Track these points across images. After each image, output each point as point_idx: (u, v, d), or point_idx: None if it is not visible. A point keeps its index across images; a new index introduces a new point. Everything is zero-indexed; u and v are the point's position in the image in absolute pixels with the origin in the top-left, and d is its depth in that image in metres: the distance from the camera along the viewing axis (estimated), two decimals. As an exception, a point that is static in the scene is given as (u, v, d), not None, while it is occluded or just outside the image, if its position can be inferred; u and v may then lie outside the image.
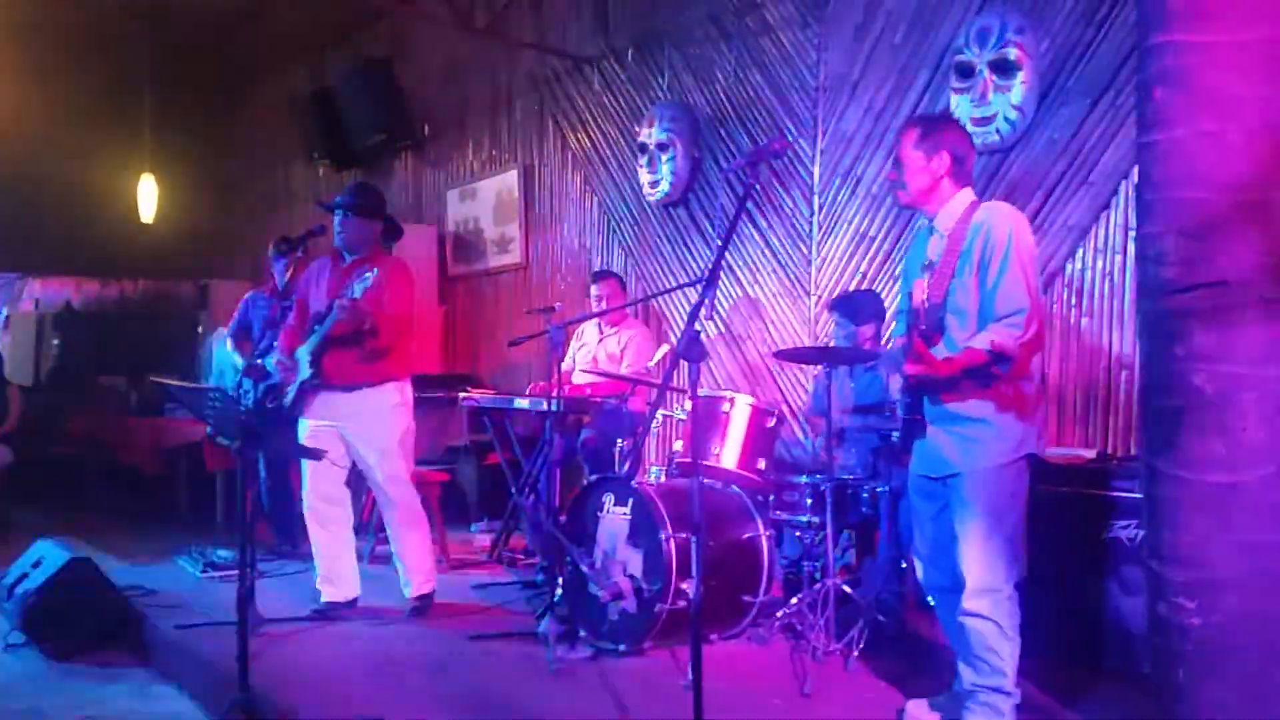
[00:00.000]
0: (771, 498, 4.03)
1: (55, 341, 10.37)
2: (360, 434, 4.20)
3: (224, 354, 5.94)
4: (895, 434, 2.97)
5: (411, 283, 4.32)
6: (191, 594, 4.68)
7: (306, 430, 4.23)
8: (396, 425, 4.25)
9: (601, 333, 5.59)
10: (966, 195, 2.93)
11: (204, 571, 5.10)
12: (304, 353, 4.15)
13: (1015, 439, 2.79)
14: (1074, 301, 4.25)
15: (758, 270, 5.54)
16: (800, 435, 5.21)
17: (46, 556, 4.30)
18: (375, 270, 3.91)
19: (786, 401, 5.31)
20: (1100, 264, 4.17)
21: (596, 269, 6.24)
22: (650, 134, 5.85)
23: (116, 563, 5.13)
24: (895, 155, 2.97)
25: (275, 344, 4.32)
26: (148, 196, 9.10)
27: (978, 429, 2.79)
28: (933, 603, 3.13)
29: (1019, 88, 4.25)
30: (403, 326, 4.21)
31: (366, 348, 4.08)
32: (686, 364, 2.67)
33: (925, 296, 2.83)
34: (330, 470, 4.20)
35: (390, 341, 4.13)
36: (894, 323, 4.03)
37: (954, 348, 2.77)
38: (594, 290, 5.64)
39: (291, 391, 4.20)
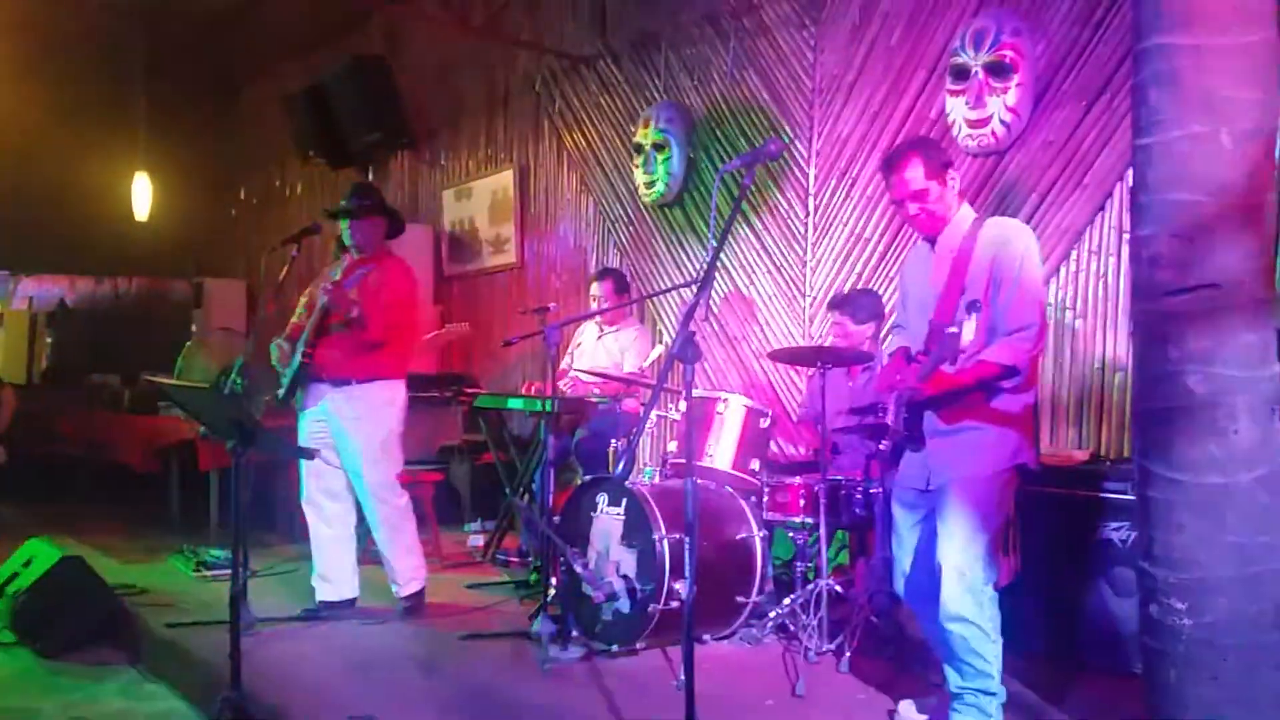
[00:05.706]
0: (765, 498, 4.03)
1: (49, 340, 10.34)
2: (344, 430, 4.15)
3: None
4: (883, 444, 2.97)
5: (412, 282, 4.32)
6: (183, 593, 4.67)
7: (306, 428, 4.22)
8: (381, 425, 4.18)
9: (601, 332, 5.54)
10: (968, 210, 2.95)
11: (196, 571, 5.08)
12: (300, 343, 4.13)
13: (1010, 448, 2.82)
14: (1068, 303, 4.25)
15: (753, 271, 5.54)
16: (791, 447, 5.19)
17: (38, 555, 4.28)
18: (370, 268, 3.95)
19: (781, 402, 5.31)
20: (1095, 266, 4.18)
21: (595, 268, 6.20)
22: (646, 134, 5.85)
23: (108, 561, 5.12)
24: (906, 193, 2.86)
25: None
26: (142, 195, 9.11)
27: (976, 436, 2.81)
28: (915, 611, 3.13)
29: (1014, 90, 4.24)
30: (398, 323, 4.19)
31: (357, 340, 4.08)
32: (681, 364, 2.66)
33: (933, 317, 2.83)
34: (328, 467, 4.17)
35: (382, 337, 4.11)
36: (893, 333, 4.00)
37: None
38: (593, 289, 5.54)
39: (285, 380, 4.16)
